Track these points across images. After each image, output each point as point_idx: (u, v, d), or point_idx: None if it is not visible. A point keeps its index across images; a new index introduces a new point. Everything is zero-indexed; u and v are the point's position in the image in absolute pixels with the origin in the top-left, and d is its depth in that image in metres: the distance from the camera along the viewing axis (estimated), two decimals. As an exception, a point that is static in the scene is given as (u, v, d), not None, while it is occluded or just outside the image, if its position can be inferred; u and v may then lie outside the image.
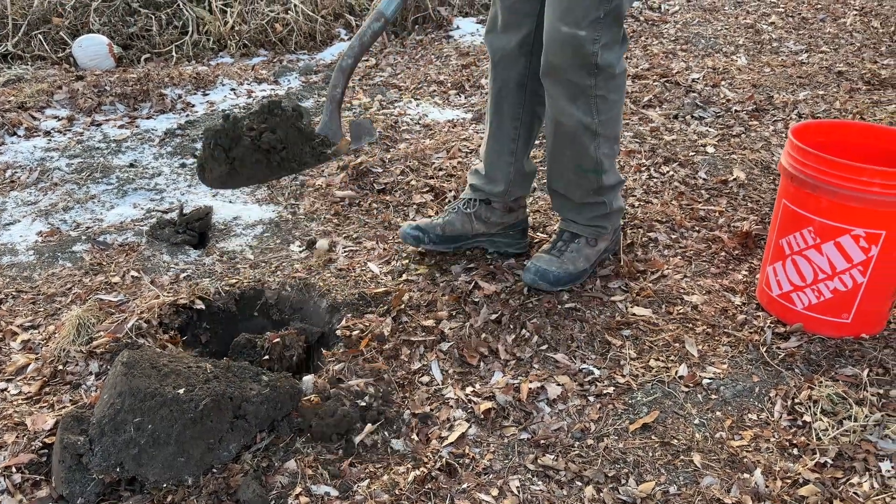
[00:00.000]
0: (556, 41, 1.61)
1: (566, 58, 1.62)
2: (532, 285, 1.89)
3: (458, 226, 2.03)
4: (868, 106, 2.83)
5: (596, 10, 1.57)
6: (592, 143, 1.76)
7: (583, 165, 1.80)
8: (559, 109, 1.71)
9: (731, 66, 3.28)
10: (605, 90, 1.69)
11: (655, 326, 1.79)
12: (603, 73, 1.65)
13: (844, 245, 1.61)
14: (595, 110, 1.71)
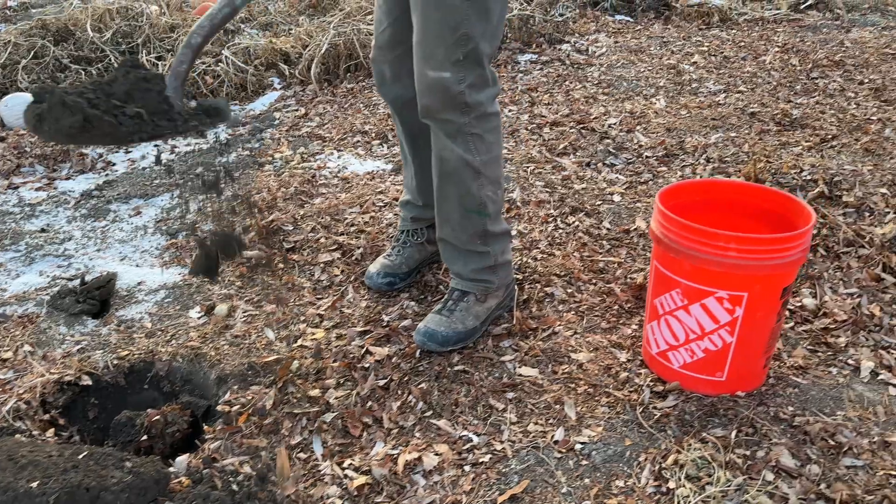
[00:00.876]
0: (424, 84, 1.71)
1: (437, 99, 1.71)
2: (422, 347, 1.91)
3: (417, 256, 2.20)
4: (776, 148, 2.90)
5: (455, 53, 1.66)
6: (475, 182, 1.82)
7: (466, 205, 1.85)
8: (441, 146, 1.79)
9: (648, 110, 3.35)
10: (479, 129, 1.76)
11: (540, 388, 1.80)
12: (474, 111, 1.73)
13: (710, 307, 1.64)
14: (474, 148, 1.78)
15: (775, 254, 1.54)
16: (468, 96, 1.70)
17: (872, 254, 2.22)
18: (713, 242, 1.55)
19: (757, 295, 1.60)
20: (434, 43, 1.65)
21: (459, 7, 1.62)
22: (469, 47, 1.66)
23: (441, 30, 1.63)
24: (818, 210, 2.46)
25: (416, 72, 1.71)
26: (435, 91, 1.69)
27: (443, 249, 1.99)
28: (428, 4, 1.64)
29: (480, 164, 1.79)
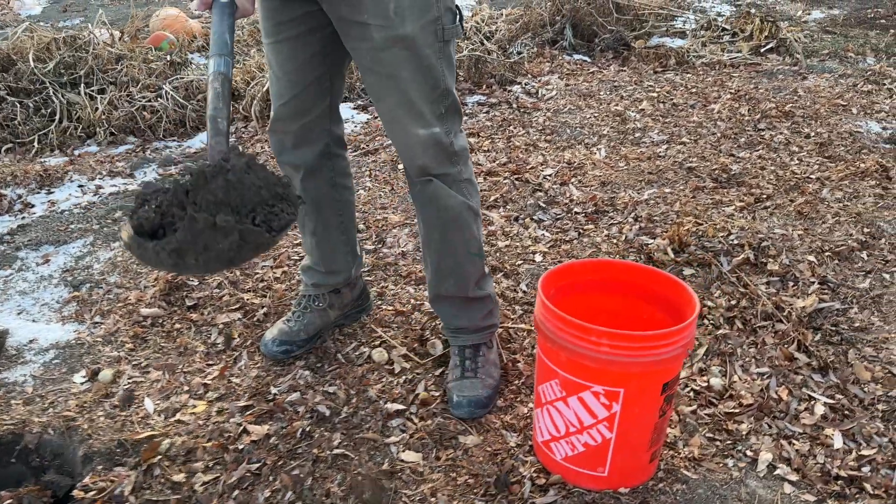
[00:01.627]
0: (418, 145, 1.73)
1: (433, 155, 1.74)
2: (470, 418, 1.88)
3: (317, 323, 2.14)
4: (707, 207, 2.84)
5: (438, 108, 1.70)
6: (475, 224, 1.87)
7: (471, 249, 1.88)
8: (443, 197, 1.79)
9: (587, 161, 3.29)
10: (467, 173, 1.83)
11: (419, 476, 1.72)
12: (461, 158, 1.79)
13: (587, 401, 1.56)
14: (467, 193, 1.83)
15: (650, 350, 1.47)
16: (455, 145, 1.77)
17: (789, 329, 2.16)
18: (586, 337, 1.48)
19: (634, 391, 1.53)
20: (420, 103, 1.69)
21: (436, 65, 1.67)
22: (448, 101, 1.72)
23: (423, 89, 1.67)
24: (741, 278, 2.39)
25: (402, 134, 1.73)
26: (430, 147, 1.73)
27: (442, 309, 1.99)
28: (407, 71, 1.65)
29: (477, 206, 1.86)
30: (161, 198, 1.24)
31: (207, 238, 1.08)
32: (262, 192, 1.24)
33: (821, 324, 2.20)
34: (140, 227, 1.22)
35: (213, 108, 1.35)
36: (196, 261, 1.10)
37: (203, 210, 1.16)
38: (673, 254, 2.53)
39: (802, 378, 2.00)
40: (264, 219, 1.22)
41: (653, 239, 2.62)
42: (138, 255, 1.20)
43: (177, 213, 1.19)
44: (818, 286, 2.35)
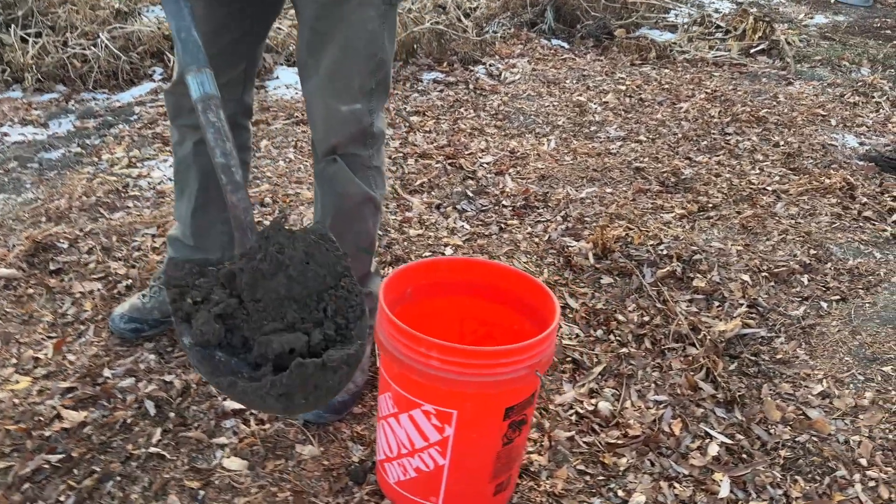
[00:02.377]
0: (336, 120, 1.56)
1: (348, 134, 1.57)
2: (317, 422, 1.67)
3: None
4: (645, 212, 2.62)
5: (369, 82, 1.53)
6: (372, 219, 1.70)
7: (361, 244, 1.72)
8: (343, 185, 1.62)
9: (533, 151, 3.08)
10: (378, 160, 1.65)
11: (238, 487, 1.52)
12: (377, 141, 1.63)
13: (418, 420, 1.36)
14: (373, 183, 1.66)
15: (487, 370, 1.27)
16: (375, 127, 1.60)
17: (700, 355, 1.95)
18: (416, 347, 1.28)
19: (470, 414, 1.32)
20: (350, 74, 1.52)
21: (378, 31, 1.49)
22: (381, 74, 1.56)
23: (358, 58, 1.50)
24: (661, 293, 2.18)
25: (321, 106, 1.55)
26: (347, 126, 1.56)
27: None
28: (350, 31, 1.47)
29: (380, 199, 1.70)
30: (205, 287, 1.14)
31: (317, 378, 1.01)
32: (327, 278, 1.15)
33: (739, 352, 2.00)
34: (206, 340, 1.09)
35: (222, 152, 1.15)
36: (306, 399, 1.03)
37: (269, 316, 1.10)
38: (594, 259, 2.32)
39: (703, 412, 1.80)
40: (336, 309, 1.15)
41: (576, 241, 2.41)
42: (228, 392, 1.06)
43: (237, 314, 1.12)
44: (746, 309, 2.15)
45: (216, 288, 1.14)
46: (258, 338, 1.11)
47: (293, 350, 1.08)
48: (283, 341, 1.07)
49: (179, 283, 1.16)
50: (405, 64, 3.89)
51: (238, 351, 1.12)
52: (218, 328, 1.10)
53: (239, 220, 1.17)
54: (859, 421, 1.79)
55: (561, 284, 2.22)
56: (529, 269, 2.29)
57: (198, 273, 1.18)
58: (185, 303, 1.13)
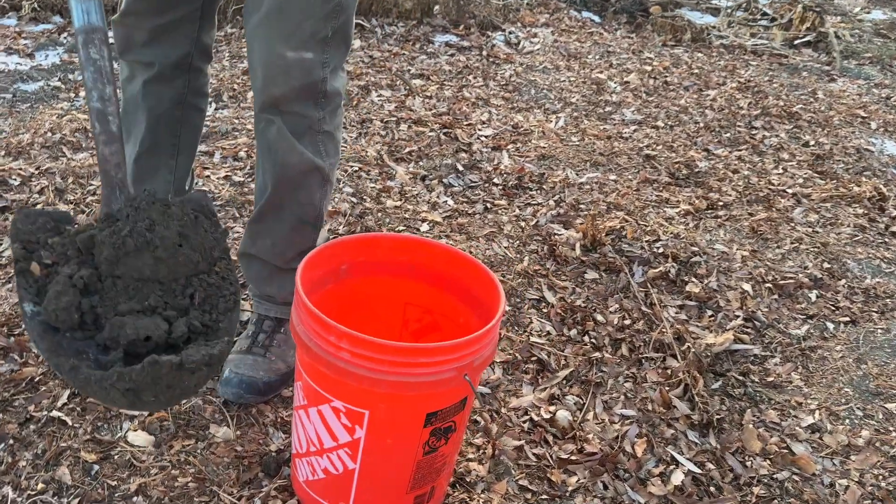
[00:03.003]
0: (279, 68, 1.37)
1: (291, 87, 1.38)
2: (237, 402, 1.53)
3: None
4: (648, 204, 2.42)
5: (324, 28, 1.35)
6: (321, 190, 1.51)
7: (304, 216, 1.54)
8: (284, 148, 1.44)
9: (537, 128, 2.87)
10: (331, 125, 1.47)
11: (138, 465, 1.39)
12: (330, 102, 1.44)
13: (327, 417, 1.20)
14: (324, 150, 1.48)
15: (405, 368, 1.10)
16: (328, 84, 1.41)
17: (681, 368, 1.76)
18: (325, 335, 1.12)
19: (384, 417, 1.16)
20: (300, 16, 1.34)
21: None
22: (340, 20, 1.38)
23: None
24: (649, 295, 1.99)
25: (264, 51, 1.37)
26: (291, 77, 1.37)
27: (251, 268, 1.63)
28: None
29: (329, 169, 1.51)
30: (58, 249, 0.99)
31: (171, 378, 0.89)
32: (200, 263, 1.03)
33: (726, 370, 1.81)
34: (59, 319, 0.94)
35: (99, 96, 1.01)
36: (156, 398, 0.91)
37: (128, 295, 0.97)
38: (581, 251, 2.13)
39: (674, 433, 1.62)
40: (204, 297, 1.02)
41: (565, 229, 2.22)
42: (69, 377, 0.92)
43: (93, 285, 0.97)
44: (741, 322, 1.95)
45: (71, 252, 0.99)
46: (111, 318, 0.97)
47: (149, 338, 0.95)
48: (138, 327, 0.94)
49: (28, 238, 1.01)
50: (419, 23, 3.69)
51: (87, 326, 0.97)
52: (74, 306, 0.95)
53: (109, 177, 1.03)
54: (850, 462, 1.60)
55: (540, 275, 2.04)
56: (508, 254, 2.11)
57: (52, 230, 1.02)
58: (32, 263, 0.98)
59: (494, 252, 2.11)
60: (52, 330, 0.94)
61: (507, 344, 1.81)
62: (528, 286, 2.00)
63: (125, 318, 0.95)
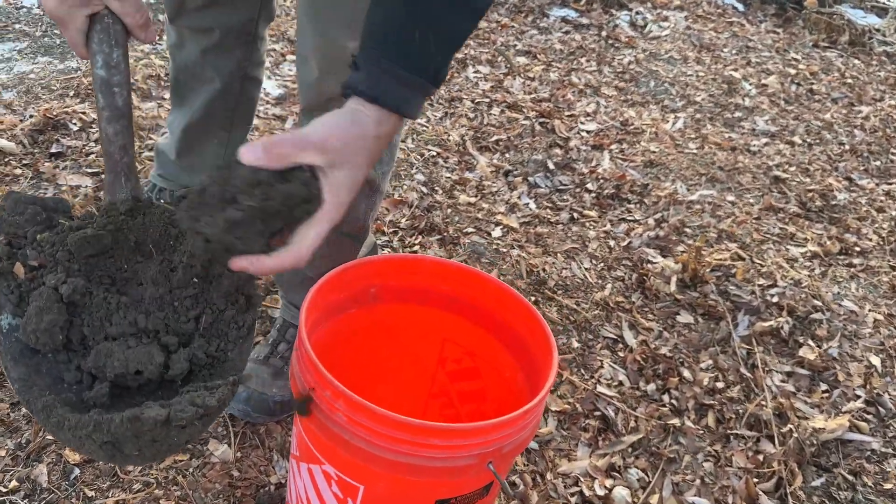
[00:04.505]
0: (339, 61, 1.09)
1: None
2: (244, 419, 1.38)
3: None
4: (768, 238, 2.07)
5: None
6: (366, 202, 1.31)
7: (347, 231, 1.34)
8: None
9: (651, 128, 2.54)
10: None
11: (121, 476, 1.24)
12: None
13: (318, 480, 1.00)
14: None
15: (407, 447, 0.88)
16: None
17: (776, 456, 1.46)
18: (321, 389, 0.91)
19: (382, 495, 0.95)
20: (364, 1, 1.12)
21: None
22: None
23: None
24: (752, 354, 1.68)
25: (321, 41, 1.14)
26: (346, 71, 1.13)
27: (286, 276, 1.45)
28: None
29: (380, 179, 1.30)
30: (48, 249, 0.83)
31: (156, 434, 0.74)
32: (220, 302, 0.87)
33: (833, 464, 1.48)
34: (40, 342, 0.79)
35: (104, 62, 0.84)
36: (140, 453, 0.75)
37: (121, 312, 0.83)
38: (677, 286, 1.83)
39: (755, 539, 1.33)
40: (213, 321, 0.86)
41: (662, 257, 1.92)
42: (40, 416, 0.76)
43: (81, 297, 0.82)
44: (861, 405, 1.61)
45: (60, 255, 0.82)
46: (99, 342, 0.81)
47: (140, 372, 0.80)
48: (128, 358, 0.79)
49: (14, 231, 0.84)
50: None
51: (72, 346, 0.81)
52: (59, 326, 0.79)
53: (113, 160, 0.86)
54: None
55: (623, 309, 1.76)
56: (588, 278, 1.83)
57: (43, 222, 0.85)
58: (16, 264, 0.82)
59: (573, 273, 1.84)
60: (31, 352, 0.79)
61: (568, 390, 1.55)
62: (606, 321, 1.73)
63: (114, 346, 0.80)
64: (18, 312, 0.79)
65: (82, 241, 0.82)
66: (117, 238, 0.84)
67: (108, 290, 0.84)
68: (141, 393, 0.81)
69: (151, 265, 0.85)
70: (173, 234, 0.86)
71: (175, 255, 0.85)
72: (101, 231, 0.83)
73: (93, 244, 0.82)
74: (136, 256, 0.85)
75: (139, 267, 0.85)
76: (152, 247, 0.86)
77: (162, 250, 0.86)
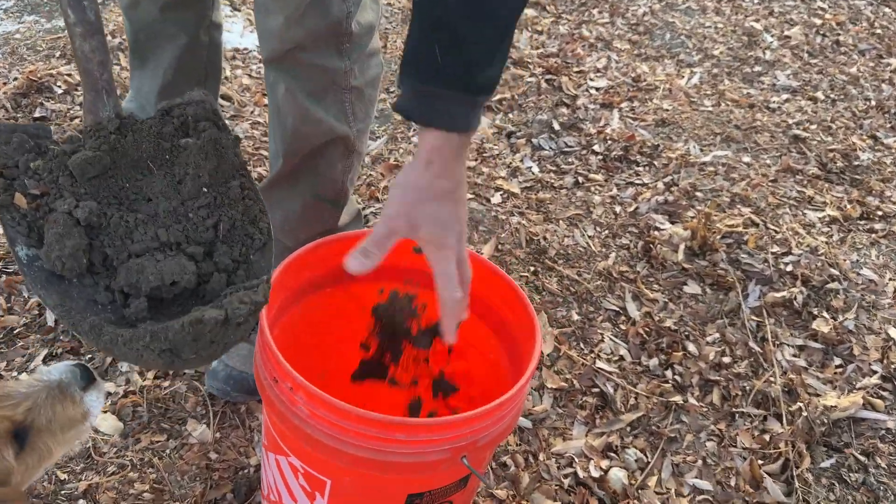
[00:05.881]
0: (299, 7, 1.07)
1: (309, 31, 1.09)
2: (223, 398, 1.33)
3: None
4: (785, 202, 1.96)
5: None
6: (343, 163, 1.24)
7: (322, 193, 1.28)
8: (296, 117, 1.18)
9: (665, 84, 2.42)
10: (361, 79, 1.18)
11: (95, 458, 1.21)
12: (356, 48, 1.14)
13: (285, 472, 0.95)
14: (351, 112, 1.19)
15: (372, 442, 0.82)
16: (353, 20, 1.11)
17: (784, 436, 1.39)
18: (281, 379, 0.85)
19: (349, 490, 0.90)
20: None
21: None
22: None
23: None
24: (762, 327, 1.60)
25: None
26: (310, 16, 1.08)
27: None
28: None
29: (357, 136, 1.22)
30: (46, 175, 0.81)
31: (214, 334, 0.74)
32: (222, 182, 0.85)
33: (844, 444, 1.42)
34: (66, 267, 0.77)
35: None
36: (197, 355, 0.76)
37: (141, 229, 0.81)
38: (685, 255, 1.74)
39: (765, 528, 1.27)
40: (230, 227, 0.84)
41: (671, 223, 1.83)
42: (90, 337, 0.75)
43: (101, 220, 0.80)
44: (877, 381, 1.53)
45: (63, 180, 0.79)
46: (125, 260, 0.79)
47: (175, 283, 0.78)
48: (162, 271, 0.78)
49: (4, 162, 0.80)
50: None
51: (96, 270, 0.79)
52: (82, 250, 0.77)
53: (92, 78, 0.81)
54: None
55: (626, 279, 1.68)
56: (591, 247, 1.75)
57: (32, 150, 0.81)
58: (16, 194, 0.78)
59: (575, 241, 1.76)
60: (58, 279, 0.77)
61: (566, 365, 1.49)
62: (608, 291, 1.65)
63: (143, 261, 0.78)
64: (32, 242, 0.77)
65: (84, 163, 0.79)
66: (114, 158, 0.81)
67: (120, 209, 0.81)
68: (175, 304, 0.80)
69: (155, 180, 0.83)
70: (166, 149, 0.83)
71: (176, 168, 0.83)
72: (99, 152, 0.80)
73: (94, 166, 0.80)
74: (135, 174, 0.82)
75: (142, 184, 0.83)
76: (150, 162, 0.83)
77: (160, 165, 0.83)
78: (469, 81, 0.78)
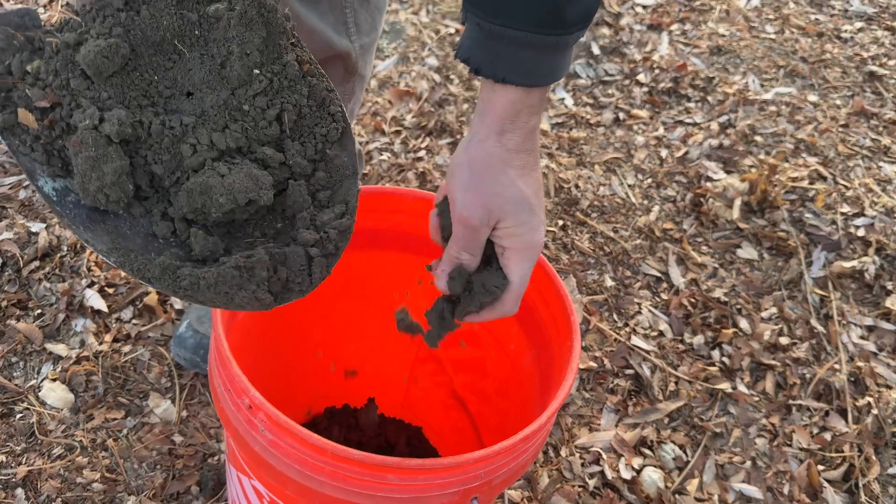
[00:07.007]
0: None
1: None
2: (192, 369, 1.15)
3: None
4: (857, 152, 1.71)
5: None
6: (342, 87, 1.06)
7: None
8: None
9: (722, 4, 2.12)
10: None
11: (38, 437, 1.04)
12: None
13: (247, 491, 0.77)
14: (353, 24, 1.00)
15: (352, 485, 0.63)
16: None
17: (849, 437, 1.20)
18: (238, 398, 0.66)
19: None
20: None
21: None
22: None
23: None
24: (827, 301, 1.39)
25: None
26: None
27: None
28: None
29: (359, 54, 1.03)
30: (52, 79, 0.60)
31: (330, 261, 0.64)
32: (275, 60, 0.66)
33: (920, 447, 1.22)
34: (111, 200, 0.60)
35: None
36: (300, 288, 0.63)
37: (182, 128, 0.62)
38: (741, 211, 1.51)
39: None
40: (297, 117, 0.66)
41: (725, 173, 1.59)
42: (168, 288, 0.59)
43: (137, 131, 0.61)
44: (960, 373, 1.32)
45: (76, 83, 0.59)
46: (181, 178, 0.62)
47: (250, 202, 0.62)
48: (234, 190, 0.60)
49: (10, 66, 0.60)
50: None
51: (143, 194, 0.62)
52: (126, 174, 0.59)
53: None
54: None
55: (671, 239, 1.46)
56: (631, 197, 1.52)
57: (24, 47, 0.60)
58: (19, 110, 0.59)
59: (612, 191, 1.53)
60: (101, 214, 0.61)
61: (596, 340, 1.29)
62: (649, 253, 1.43)
63: (206, 178, 0.60)
64: (56, 171, 0.60)
65: (98, 57, 0.59)
66: (132, 43, 0.61)
67: (158, 112, 0.62)
68: (249, 226, 0.65)
69: (192, 66, 0.63)
70: (193, 21, 0.62)
71: (212, 47, 0.63)
72: (113, 38, 0.59)
73: (112, 59, 0.59)
74: (163, 61, 0.62)
75: (175, 73, 0.63)
76: (177, 42, 0.63)
77: (191, 45, 0.63)
78: (558, 13, 0.54)
